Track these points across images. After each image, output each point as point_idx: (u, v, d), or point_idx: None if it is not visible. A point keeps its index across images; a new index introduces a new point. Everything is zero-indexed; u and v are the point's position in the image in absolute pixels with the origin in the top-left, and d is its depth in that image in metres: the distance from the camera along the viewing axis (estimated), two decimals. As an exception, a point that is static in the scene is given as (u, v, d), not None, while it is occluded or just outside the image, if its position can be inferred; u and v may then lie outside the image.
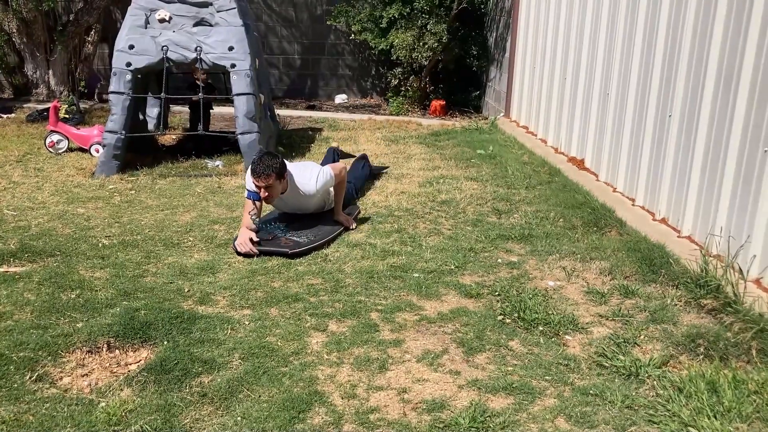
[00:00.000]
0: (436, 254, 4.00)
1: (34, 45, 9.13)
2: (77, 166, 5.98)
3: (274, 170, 4.01)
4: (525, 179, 5.54)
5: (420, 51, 8.67)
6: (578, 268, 3.81)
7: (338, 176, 4.39)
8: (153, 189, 5.37)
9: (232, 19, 5.90)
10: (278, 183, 4.08)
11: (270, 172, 3.99)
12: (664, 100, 4.39)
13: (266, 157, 4.08)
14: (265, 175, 3.99)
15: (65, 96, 9.04)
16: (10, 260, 3.79)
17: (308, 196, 4.33)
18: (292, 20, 10.40)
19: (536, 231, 4.38)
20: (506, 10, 8.28)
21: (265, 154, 4.15)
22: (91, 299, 3.31)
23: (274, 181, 4.03)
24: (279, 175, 4.05)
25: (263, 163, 4.01)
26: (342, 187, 4.46)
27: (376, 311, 3.27)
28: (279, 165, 4.05)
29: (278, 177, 4.05)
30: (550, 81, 6.65)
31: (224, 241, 4.20)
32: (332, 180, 4.36)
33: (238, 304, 3.33)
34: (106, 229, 4.37)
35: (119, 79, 5.71)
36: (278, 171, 4.04)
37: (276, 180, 4.04)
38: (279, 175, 4.05)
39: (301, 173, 4.30)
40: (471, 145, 6.92)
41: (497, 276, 3.72)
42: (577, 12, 5.96)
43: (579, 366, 2.79)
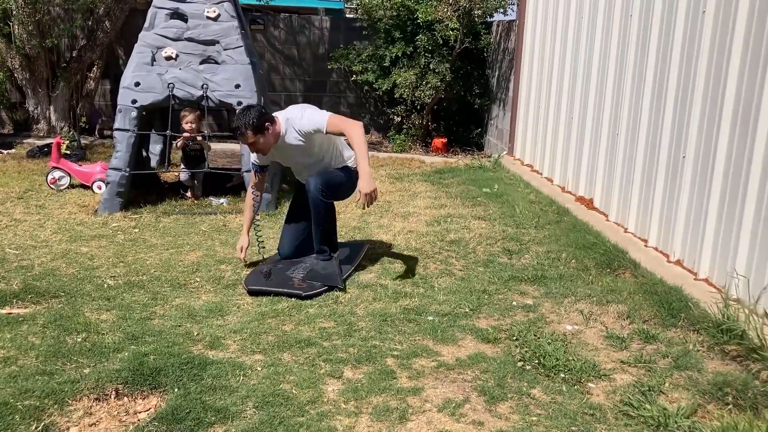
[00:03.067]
0: (449, 296, 3.93)
1: (36, 81, 9.12)
2: (79, 203, 5.91)
3: (247, 126, 3.84)
4: (533, 219, 5.49)
5: (423, 90, 8.70)
6: (595, 311, 3.73)
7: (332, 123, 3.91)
8: (157, 227, 5.30)
9: (239, 57, 5.90)
10: (260, 137, 3.90)
11: (243, 130, 3.85)
12: (677, 140, 4.37)
13: (242, 113, 3.90)
14: (240, 133, 3.88)
15: (66, 132, 9.00)
16: (13, 301, 3.69)
17: (301, 145, 4.03)
18: (295, 59, 10.45)
19: (549, 272, 4.31)
20: (509, 50, 8.34)
21: (244, 108, 3.97)
22: (98, 343, 3.21)
23: (253, 137, 3.88)
24: (256, 130, 3.87)
25: (238, 119, 3.86)
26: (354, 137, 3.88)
27: (392, 357, 3.18)
28: (254, 119, 3.84)
29: (256, 132, 3.87)
30: (555, 120, 6.65)
31: (232, 282, 4.11)
32: (318, 112, 3.98)
33: (250, 348, 3.23)
34: (111, 269, 4.28)
35: (125, 117, 5.67)
36: (254, 126, 3.85)
37: (255, 135, 3.88)
38: (256, 130, 3.87)
39: (295, 112, 4.05)
40: (476, 183, 6.89)
41: (513, 320, 3.63)
42: (584, 51, 5.99)
43: (605, 416, 2.70)
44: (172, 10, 5.90)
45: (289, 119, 4.03)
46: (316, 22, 10.45)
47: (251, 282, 3.97)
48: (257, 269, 4.21)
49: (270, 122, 3.96)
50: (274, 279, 4.00)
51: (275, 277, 4.03)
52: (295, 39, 10.39)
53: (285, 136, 4.04)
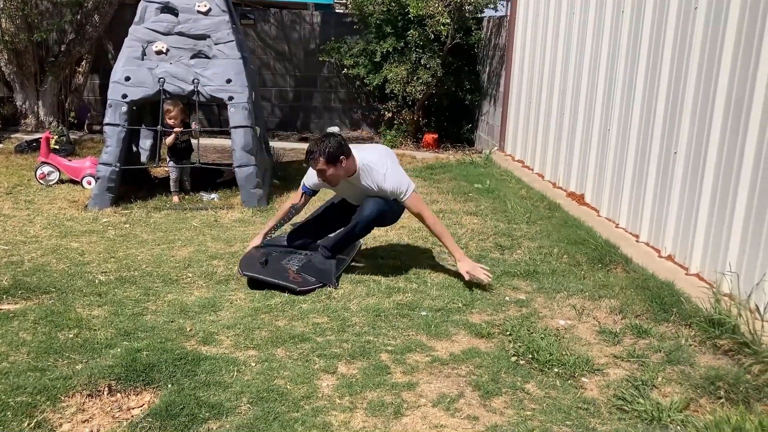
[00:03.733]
0: (442, 291, 3.93)
1: (24, 75, 9.04)
2: (69, 198, 5.86)
3: (321, 153, 3.73)
4: (525, 214, 5.50)
5: (414, 85, 8.69)
6: (588, 306, 3.75)
7: (413, 203, 3.97)
8: (148, 222, 5.26)
9: (231, 51, 5.87)
10: (331, 167, 3.78)
11: (316, 156, 3.74)
12: (668, 136, 4.39)
13: (320, 139, 3.79)
14: (312, 158, 3.78)
15: (54, 126, 8.93)
16: (3, 297, 3.66)
17: (372, 190, 3.95)
18: (286, 54, 10.41)
19: (541, 268, 4.32)
20: (500, 46, 8.34)
21: (323, 135, 3.84)
22: (90, 339, 3.19)
23: (324, 165, 3.77)
24: (329, 159, 3.75)
25: (318, 144, 3.75)
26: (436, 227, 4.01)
27: (386, 352, 3.17)
28: (330, 148, 3.72)
29: (328, 161, 3.75)
30: (546, 115, 6.66)
31: (224, 278, 4.10)
32: (406, 196, 3.92)
33: (243, 344, 3.22)
34: (102, 265, 4.25)
35: (115, 111, 5.63)
36: (328, 155, 3.73)
37: (326, 164, 3.77)
38: (329, 160, 3.75)
39: (378, 160, 3.91)
40: (467, 179, 6.89)
41: (506, 314, 3.64)
42: (575, 47, 6.00)
43: (599, 410, 2.71)
44: (162, 4, 5.86)
45: (370, 166, 3.90)
46: (307, 17, 10.41)
47: (246, 267, 3.94)
48: (253, 253, 4.17)
49: (345, 156, 3.81)
50: (270, 268, 3.97)
51: (271, 265, 4.00)
52: (285, 34, 10.35)
53: (359, 178, 3.94)
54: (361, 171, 3.93)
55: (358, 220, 4.03)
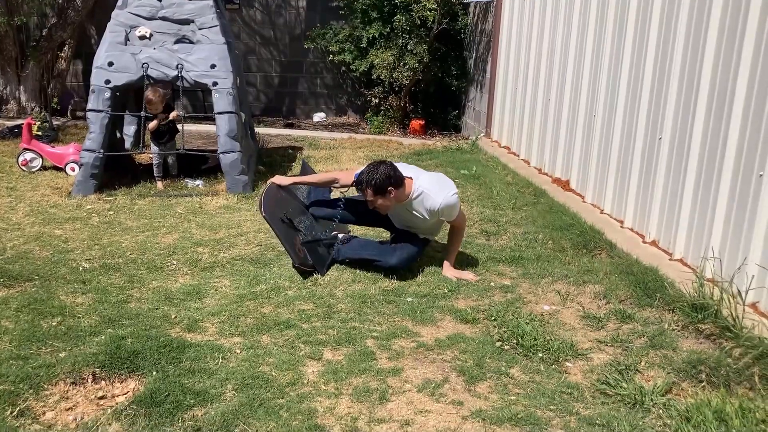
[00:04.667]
0: (428, 278, 3.93)
1: (5, 60, 8.91)
2: (52, 185, 5.81)
3: (369, 185, 3.71)
4: (511, 200, 5.51)
5: (401, 71, 8.66)
6: (572, 291, 3.77)
7: (461, 216, 3.99)
8: (132, 209, 5.23)
9: (215, 36, 5.82)
10: (379, 198, 3.75)
11: (364, 186, 3.73)
12: (653, 122, 4.40)
13: (372, 169, 3.72)
14: (361, 188, 3.78)
15: (37, 112, 8.82)
16: (-15, 285, 3.63)
17: (420, 216, 3.90)
18: (271, 39, 10.33)
19: (526, 253, 4.34)
20: (487, 32, 8.32)
21: (375, 165, 3.77)
22: (73, 327, 3.17)
23: (372, 195, 3.75)
24: (377, 191, 3.72)
25: (366, 174, 3.72)
26: (460, 232, 4.05)
27: (371, 338, 3.18)
28: (378, 180, 3.68)
29: (376, 192, 3.73)
30: (533, 102, 6.67)
31: (209, 265, 4.08)
32: (456, 210, 3.88)
33: (228, 331, 3.22)
34: (86, 252, 4.22)
35: (98, 97, 5.57)
36: (375, 187, 3.70)
37: (374, 195, 3.74)
38: (377, 191, 3.72)
39: (432, 184, 3.87)
40: (454, 165, 6.89)
41: (492, 300, 3.66)
42: (561, 33, 6.00)
43: (582, 395, 2.73)
44: (145, -12, 5.78)
45: (425, 193, 3.82)
46: (293, 2, 10.32)
47: (268, 211, 3.81)
48: (273, 194, 4.03)
49: (395, 186, 3.74)
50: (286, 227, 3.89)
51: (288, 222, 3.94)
52: (271, 19, 10.27)
53: (412, 205, 3.87)
54: (415, 200, 3.85)
55: (382, 263, 3.92)
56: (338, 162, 7.10)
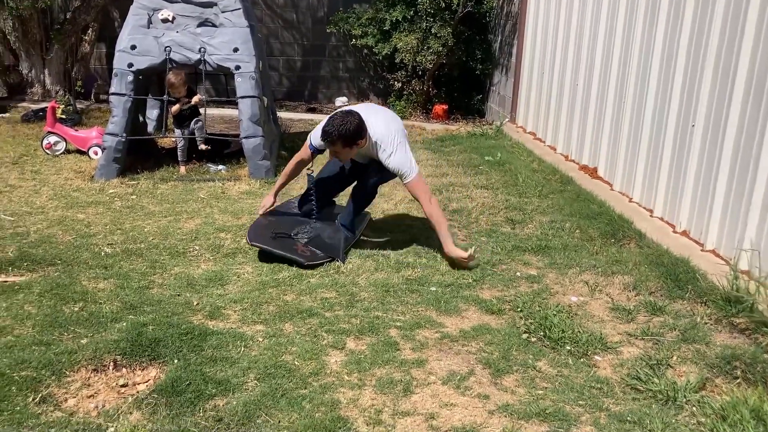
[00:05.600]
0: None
1: (30, 43, 8.94)
2: (75, 168, 5.81)
3: (340, 136, 3.64)
4: (537, 188, 5.41)
5: (424, 55, 8.54)
6: (600, 282, 3.68)
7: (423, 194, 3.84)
8: (155, 194, 5.21)
9: (237, 20, 5.75)
10: (347, 149, 3.74)
11: (334, 138, 3.66)
12: (686, 109, 4.27)
13: (340, 117, 3.67)
14: (330, 141, 3.71)
15: (61, 96, 8.85)
16: (8, 269, 3.63)
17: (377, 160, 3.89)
18: (294, 22, 10.25)
19: (553, 242, 4.25)
20: (513, 14, 8.17)
21: (345, 113, 3.71)
22: (95, 313, 3.15)
23: (342, 148, 3.72)
24: (346, 142, 3.68)
25: (334, 124, 3.65)
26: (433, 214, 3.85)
27: (395, 328, 3.12)
28: (349, 131, 3.64)
29: (345, 144, 3.70)
30: (560, 86, 6.53)
31: (231, 251, 4.04)
32: (408, 179, 3.80)
33: (251, 318, 3.18)
34: (108, 237, 4.20)
35: (120, 81, 5.54)
36: (345, 138, 3.66)
37: (343, 147, 3.72)
38: (346, 142, 3.69)
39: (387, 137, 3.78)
40: (478, 151, 6.79)
41: (517, 290, 3.58)
42: (590, 15, 5.84)
43: (612, 390, 2.65)
44: (168, -30, 5.73)
45: (378, 144, 3.80)
46: (316, -16, 10.22)
47: (255, 237, 3.89)
48: (261, 222, 4.13)
49: (362, 138, 3.74)
50: (278, 240, 3.91)
51: (279, 237, 3.95)
52: (294, 2, 10.18)
53: (368, 149, 3.86)
54: (370, 147, 3.86)
55: (366, 189, 4.04)
56: (361, 147, 7.02)
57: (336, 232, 4.14)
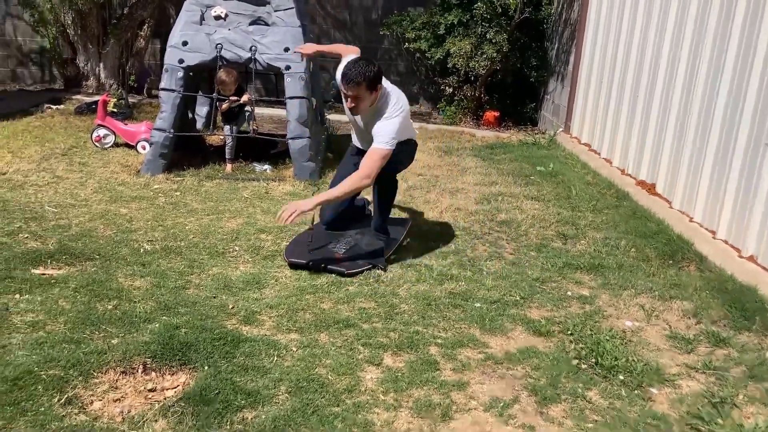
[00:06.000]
0: (498, 282, 3.68)
1: (88, 37, 9.06)
2: (123, 162, 5.81)
3: (365, 78, 3.54)
4: (591, 202, 5.17)
5: (478, 60, 8.34)
6: (657, 307, 3.45)
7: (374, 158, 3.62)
8: (199, 191, 5.15)
9: (290, 19, 5.67)
10: (368, 94, 3.63)
11: (360, 80, 3.54)
12: (759, 126, 3.99)
13: (362, 63, 3.58)
14: (355, 83, 3.57)
15: (114, 89, 8.94)
16: (47, 262, 3.59)
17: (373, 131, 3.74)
18: (346, 23, 10.17)
19: (607, 261, 4.02)
20: (572, 22, 7.91)
21: (361, 59, 3.66)
22: (128, 312, 3.07)
23: (364, 91, 3.60)
24: (370, 85, 3.59)
25: (356, 68, 3.55)
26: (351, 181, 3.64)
27: (435, 345, 2.96)
28: (373, 74, 3.57)
29: (369, 88, 3.60)
30: (618, 97, 6.26)
31: (271, 253, 3.94)
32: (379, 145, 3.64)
33: (285, 326, 3.06)
34: (149, 233, 4.15)
35: (171, 76, 5.51)
36: (370, 80, 3.56)
37: (366, 90, 3.60)
38: (369, 86, 3.59)
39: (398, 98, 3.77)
40: (529, 161, 6.57)
41: (568, 311, 3.37)
42: (654, 25, 5.57)
43: (671, 428, 2.44)
44: (222, -34, 5.68)
45: (389, 99, 3.75)
46: (371, -15, 10.12)
47: (292, 254, 3.79)
48: (299, 239, 4.05)
49: (381, 84, 3.68)
50: (316, 253, 3.82)
51: (317, 250, 3.85)
52: (347, 2, 10.09)
53: (375, 111, 3.75)
54: (378, 109, 3.73)
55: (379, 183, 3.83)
56: (409, 152, 6.86)
57: (374, 238, 4.02)
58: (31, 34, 9.81)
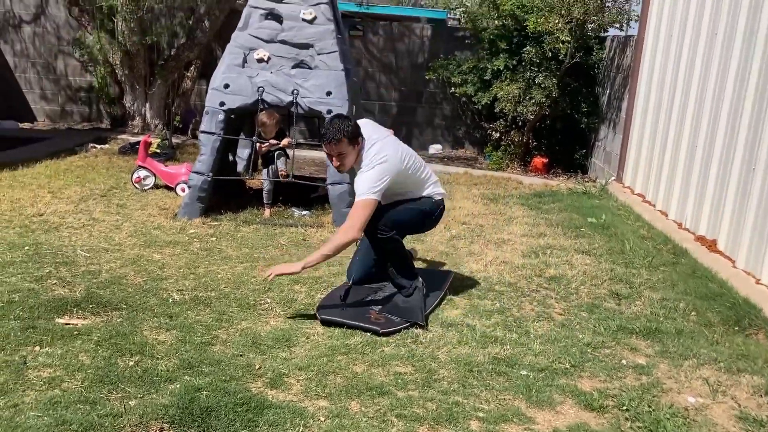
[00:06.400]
0: (546, 346, 3.40)
1: (135, 77, 9.20)
2: (161, 205, 5.74)
3: (345, 134, 3.48)
4: (646, 258, 4.85)
5: (526, 105, 8.14)
6: (724, 381, 3.12)
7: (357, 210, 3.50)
8: (235, 237, 5.02)
9: (333, 62, 5.58)
10: (351, 149, 3.55)
11: (340, 136, 3.47)
12: (834, 183, 3.67)
13: (337, 120, 3.54)
14: (335, 140, 3.49)
15: (159, 130, 9.02)
16: (73, 310, 3.46)
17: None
18: (392, 67, 10.12)
19: (665, 325, 3.70)
20: (624, 68, 7.66)
21: (336, 117, 3.62)
22: (150, 370, 2.90)
23: (346, 146, 3.52)
24: (351, 139, 3.52)
25: (333, 126, 3.50)
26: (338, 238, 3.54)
27: (476, 419, 2.70)
28: (351, 128, 3.52)
29: (350, 142, 3.53)
30: (675, 147, 5.96)
31: (304, 306, 3.75)
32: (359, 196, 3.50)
33: (314, 391, 2.84)
34: (180, 281, 4.01)
35: (211, 119, 5.45)
36: (350, 134, 3.50)
37: (348, 146, 3.53)
38: (351, 140, 3.52)
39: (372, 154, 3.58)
40: (580, 211, 6.28)
41: (623, 383, 3.07)
42: (715, 72, 5.29)
43: None
44: (267, 10, 5.65)
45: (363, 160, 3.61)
46: (417, 30, 10.08)
47: (325, 311, 3.59)
48: (334, 293, 3.85)
49: (361, 137, 3.62)
50: (350, 309, 3.61)
51: (351, 306, 3.64)
52: (393, 46, 10.06)
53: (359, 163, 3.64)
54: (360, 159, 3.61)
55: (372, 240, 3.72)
56: (452, 199, 6.65)
57: (408, 296, 3.77)
58: (80, 73, 10.03)
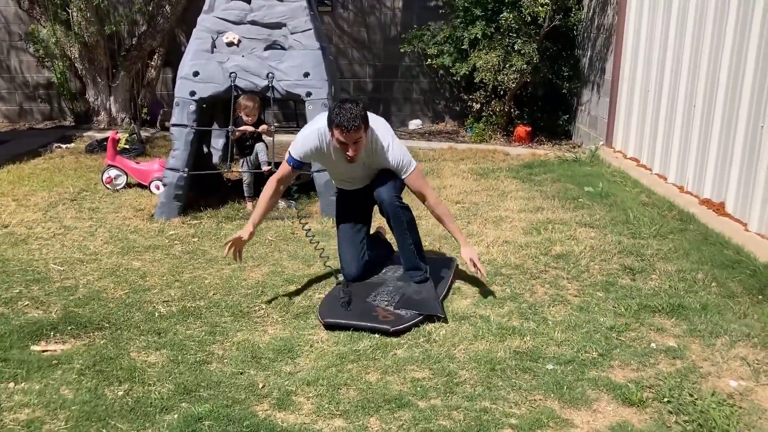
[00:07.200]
0: (568, 334, 3.16)
1: (96, 70, 8.72)
2: (135, 206, 5.38)
3: (363, 119, 3.23)
4: (652, 226, 4.63)
5: (506, 73, 7.84)
6: (762, 359, 2.91)
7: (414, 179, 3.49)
8: (218, 235, 4.70)
9: (308, 41, 5.23)
10: (365, 135, 3.31)
11: (359, 122, 3.20)
12: None
13: (349, 107, 3.21)
14: (355, 127, 3.19)
15: (126, 124, 8.59)
16: (50, 334, 3.15)
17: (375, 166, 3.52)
18: (365, 42, 9.74)
19: (687, 300, 3.49)
20: (606, 27, 7.39)
21: (346, 101, 3.27)
22: (142, 399, 2.60)
23: (363, 132, 3.28)
24: (366, 124, 3.30)
25: (350, 113, 3.18)
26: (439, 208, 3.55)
27: (509, 427, 2.45)
28: (365, 111, 3.28)
29: (366, 127, 3.30)
30: (670, 107, 5.72)
31: (303, 309, 3.47)
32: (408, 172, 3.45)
33: (327, 409, 2.57)
34: (164, 291, 3.69)
35: (182, 111, 5.08)
36: (366, 118, 3.27)
37: (365, 131, 3.29)
38: (366, 125, 3.30)
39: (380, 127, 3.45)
40: (574, 181, 6.05)
41: (657, 370, 2.85)
42: (712, 18, 5.03)
43: None
44: (233, -11, 5.27)
45: (375, 136, 3.42)
46: (388, 2, 9.69)
47: (327, 314, 3.30)
48: (333, 295, 3.55)
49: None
50: (354, 309, 3.33)
51: (355, 305, 3.36)
52: (364, 20, 9.68)
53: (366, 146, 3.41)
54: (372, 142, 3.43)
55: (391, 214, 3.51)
56: (440, 177, 6.38)
57: (422, 283, 3.54)
58: (37, 69, 9.50)
